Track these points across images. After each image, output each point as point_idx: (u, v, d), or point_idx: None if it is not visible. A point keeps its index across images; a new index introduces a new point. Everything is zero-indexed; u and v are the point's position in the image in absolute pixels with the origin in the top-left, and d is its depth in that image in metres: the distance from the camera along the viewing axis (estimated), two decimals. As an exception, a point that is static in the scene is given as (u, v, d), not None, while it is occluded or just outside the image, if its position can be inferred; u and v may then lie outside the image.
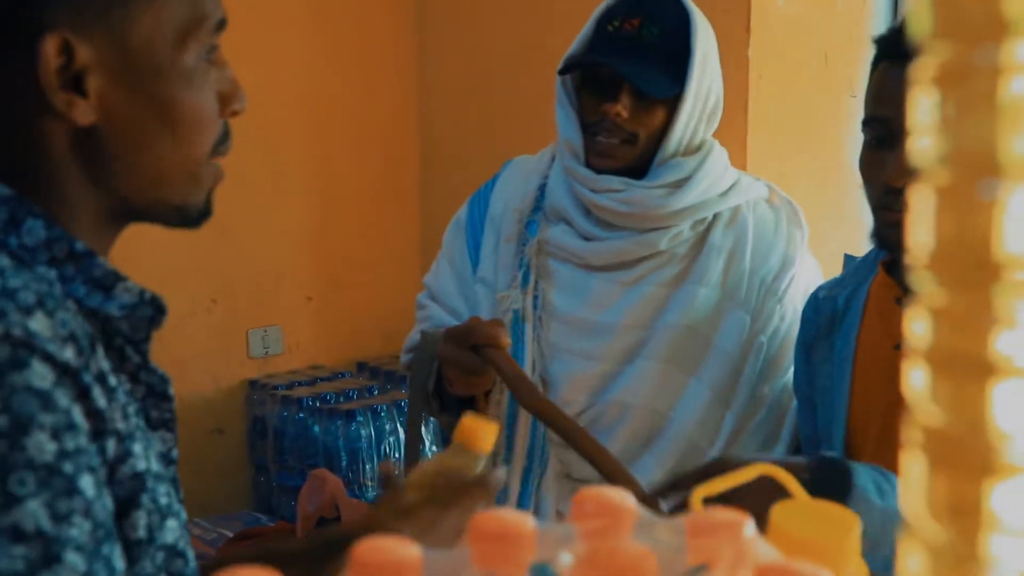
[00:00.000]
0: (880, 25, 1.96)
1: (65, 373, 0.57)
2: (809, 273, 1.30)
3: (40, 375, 0.55)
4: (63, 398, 0.56)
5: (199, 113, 0.69)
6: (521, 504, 1.26)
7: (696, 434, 1.23)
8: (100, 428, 0.59)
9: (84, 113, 0.64)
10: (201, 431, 2.26)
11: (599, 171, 1.24)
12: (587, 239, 1.26)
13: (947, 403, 0.26)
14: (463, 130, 2.48)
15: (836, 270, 1.35)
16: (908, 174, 1.02)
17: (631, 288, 1.25)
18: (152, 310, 0.67)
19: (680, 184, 1.23)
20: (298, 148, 2.41)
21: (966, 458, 0.27)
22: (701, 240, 1.26)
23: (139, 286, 0.67)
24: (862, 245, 1.74)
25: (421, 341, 1.29)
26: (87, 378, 0.58)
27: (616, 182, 1.23)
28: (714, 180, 1.25)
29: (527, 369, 1.26)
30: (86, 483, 0.56)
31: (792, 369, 1.25)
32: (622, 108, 1.19)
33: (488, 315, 1.30)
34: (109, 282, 0.66)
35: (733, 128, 1.89)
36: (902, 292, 1.09)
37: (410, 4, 2.57)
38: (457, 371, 1.17)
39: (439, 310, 1.37)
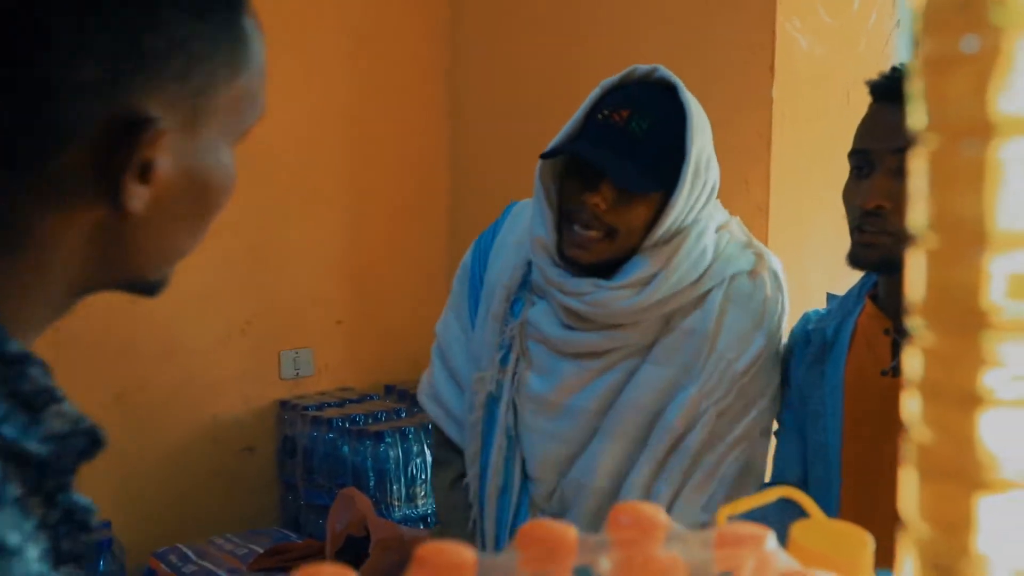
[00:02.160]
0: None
1: None
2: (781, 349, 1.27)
3: None
4: None
5: (226, 202, 0.62)
6: (498, 534, 1.28)
7: None
8: None
9: (139, 202, 0.56)
10: (233, 449, 2.32)
11: (573, 262, 1.20)
12: (563, 326, 1.25)
13: (939, 428, 0.31)
14: (492, 159, 2.55)
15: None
16: (878, 197, 1.11)
17: (600, 375, 1.24)
18: (86, 442, 0.54)
19: (647, 281, 1.19)
20: (331, 177, 2.48)
21: (956, 474, 0.32)
22: (666, 320, 1.24)
23: (77, 411, 0.54)
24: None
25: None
26: None
27: (584, 284, 1.20)
28: (686, 270, 1.20)
29: (494, 453, 1.28)
30: None
31: (742, 446, 1.23)
32: (601, 200, 1.16)
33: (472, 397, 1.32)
34: (39, 402, 0.52)
35: (757, 165, 1.94)
36: (890, 323, 1.16)
37: (443, 39, 2.65)
38: None
39: (442, 375, 1.40)
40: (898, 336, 1.17)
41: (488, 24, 2.56)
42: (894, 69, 1.16)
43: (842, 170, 1.19)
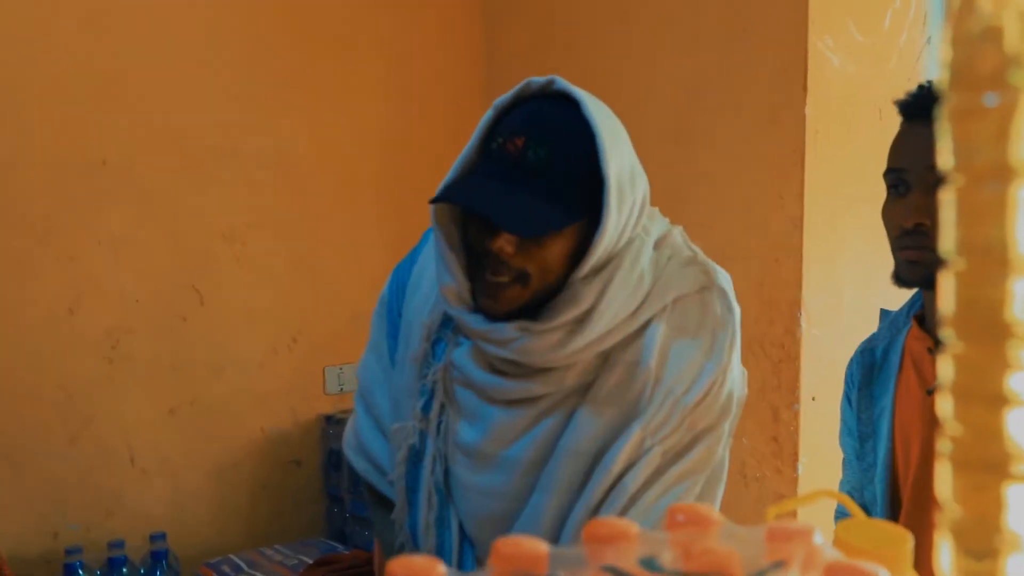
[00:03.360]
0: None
1: None
2: (733, 376, 1.10)
3: None
4: None
5: None
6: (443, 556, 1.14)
7: None
8: None
9: None
10: (281, 463, 2.39)
11: (489, 315, 1.05)
12: (491, 370, 1.10)
13: (970, 426, 0.36)
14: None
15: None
16: (918, 215, 1.10)
17: (536, 423, 1.09)
18: None
19: (580, 320, 1.04)
20: (371, 197, 2.55)
21: (987, 467, 0.37)
22: (604, 357, 1.08)
23: None
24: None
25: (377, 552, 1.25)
26: None
27: (509, 330, 1.04)
28: (623, 302, 1.05)
29: (422, 513, 1.14)
30: None
31: (686, 483, 1.09)
32: (505, 243, 0.99)
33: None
34: None
35: (791, 180, 1.99)
36: (934, 343, 1.15)
37: (478, 62, 2.72)
38: None
39: (367, 424, 1.26)
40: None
41: (521, 46, 2.62)
42: (921, 87, 1.15)
43: (875, 185, 1.21)
